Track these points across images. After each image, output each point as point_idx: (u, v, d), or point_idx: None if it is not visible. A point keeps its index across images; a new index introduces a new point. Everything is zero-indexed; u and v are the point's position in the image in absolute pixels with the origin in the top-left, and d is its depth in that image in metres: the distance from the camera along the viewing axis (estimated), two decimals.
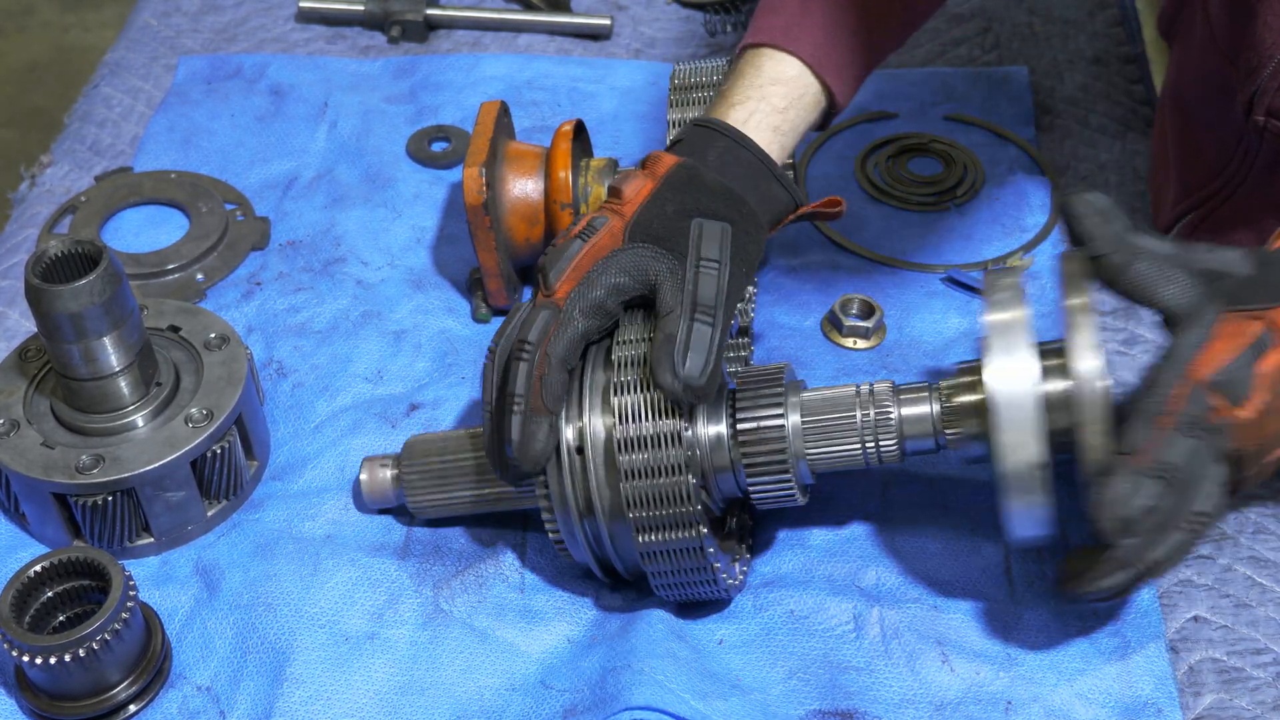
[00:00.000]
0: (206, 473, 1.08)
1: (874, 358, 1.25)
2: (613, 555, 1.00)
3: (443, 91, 1.54)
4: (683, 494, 0.94)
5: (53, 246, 1.03)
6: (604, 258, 0.99)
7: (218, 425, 1.07)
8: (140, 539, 1.08)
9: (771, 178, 1.06)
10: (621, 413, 0.94)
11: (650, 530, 0.95)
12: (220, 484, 1.09)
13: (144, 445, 1.05)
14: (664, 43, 1.66)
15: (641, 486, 0.94)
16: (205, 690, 1.00)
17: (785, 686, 1.00)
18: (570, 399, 0.97)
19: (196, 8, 1.70)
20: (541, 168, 1.25)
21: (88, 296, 0.99)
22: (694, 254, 0.98)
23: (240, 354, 1.12)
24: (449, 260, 1.35)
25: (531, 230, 1.25)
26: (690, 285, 0.97)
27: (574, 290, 0.97)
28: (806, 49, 1.12)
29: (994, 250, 1.37)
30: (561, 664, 1.02)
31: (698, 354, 0.94)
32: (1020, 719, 0.98)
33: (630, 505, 0.95)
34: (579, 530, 0.99)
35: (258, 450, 1.15)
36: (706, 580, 0.98)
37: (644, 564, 0.97)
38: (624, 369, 0.96)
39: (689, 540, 0.95)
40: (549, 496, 0.98)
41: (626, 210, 1.01)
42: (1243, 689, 1.01)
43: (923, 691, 1.00)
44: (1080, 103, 1.54)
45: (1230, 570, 1.08)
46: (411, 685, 1.00)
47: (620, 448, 0.94)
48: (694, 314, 0.95)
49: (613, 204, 1.03)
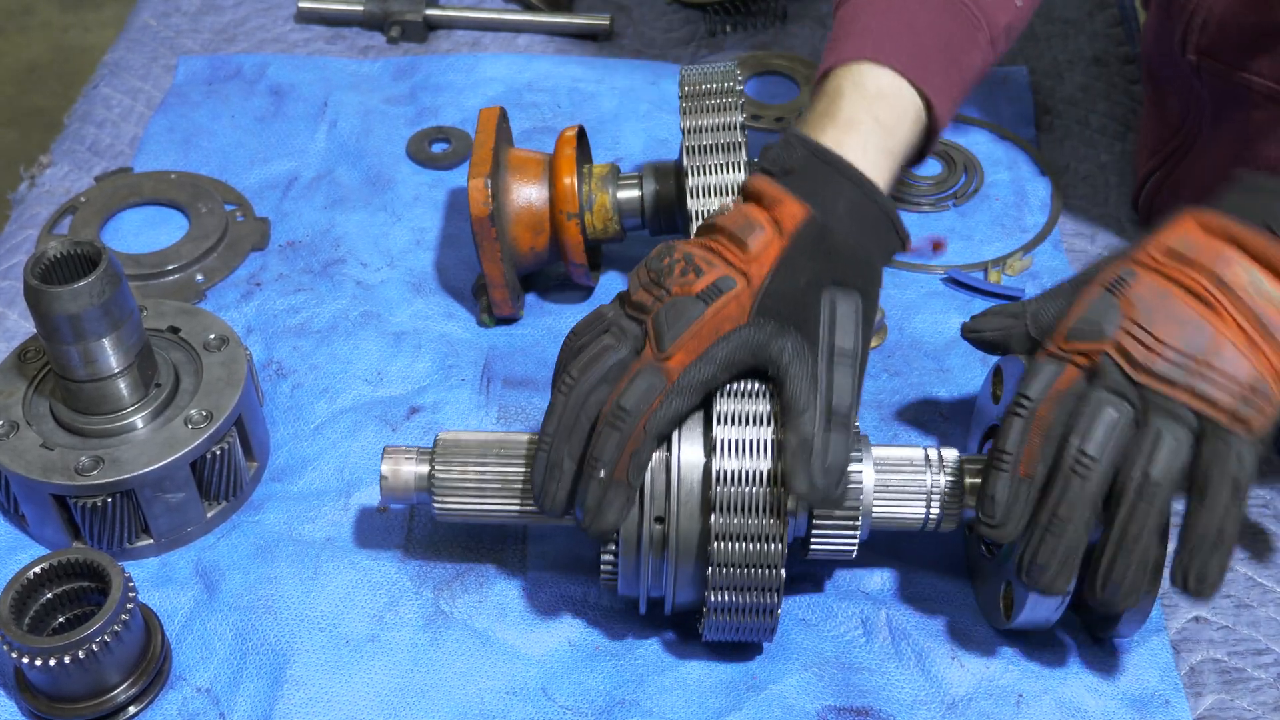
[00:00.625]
0: (206, 474, 1.08)
1: (875, 359, 1.25)
2: (669, 598, 0.98)
3: (442, 92, 1.54)
4: (770, 560, 0.93)
5: (52, 248, 1.02)
6: (728, 333, 0.91)
7: (217, 427, 1.06)
8: (140, 540, 1.08)
9: (893, 229, 1.00)
10: (723, 503, 0.92)
11: (727, 589, 0.94)
12: (220, 485, 1.09)
13: (143, 447, 1.05)
14: (664, 43, 1.66)
15: (732, 551, 0.92)
16: (205, 692, 1.00)
17: (800, 679, 1.01)
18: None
19: (196, 8, 1.70)
20: (545, 175, 1.24)
21: (87, 298, 0.99)
22: (827, 338, 0.92)
23: (240, 355, 1.12)
24: (449, 262, 1.35)
25: (536, 239, 1.24)
26: (825, 383, 0.91)
27: (691, 365, 0.91)
28: (902, 60, 1.04)
29: (994, 250, 1.36)
30: (563, 670, 1.02)
31: (835, 465, 0.89)
32: (1032, 711, 0.99)
33: (716, 565, 0.93)
34: (643, 572, 0.96)
35: (257, 451, 1.14)
36: (764, 629, 0.98)
37: (710, 599, 0.95)
38: (727, 454, 0.92)
39: (763, 603, 0.95)
40: (616, 546, 0.96)
41: (753, 273, 0.93)
42: (1244, 689, 1.01)
43: (934, 690, 1.00)
44: (1080, 103, 1.54)
45: (1230, 571, 1.08)
46: (411, 688, 1.00)
47: (716, 535, 0.92)
48: (829, 419, 0.90)
49: (733, 255, 0.94)
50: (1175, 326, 0.90)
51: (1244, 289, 0.91)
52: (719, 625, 0.97)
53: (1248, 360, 0.90)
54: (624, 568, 0.96)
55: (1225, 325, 0.91)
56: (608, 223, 1.25)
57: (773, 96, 1.57)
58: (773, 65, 1.60)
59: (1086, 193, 1.43)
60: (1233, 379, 0.89)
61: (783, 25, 1.68)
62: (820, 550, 0.99)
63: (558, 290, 1.32)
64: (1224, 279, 0.91)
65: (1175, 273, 0.93)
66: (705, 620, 0.97)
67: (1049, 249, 1.36)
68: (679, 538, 0.94)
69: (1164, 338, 0.90)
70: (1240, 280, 0.91)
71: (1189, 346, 0.90)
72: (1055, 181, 1.44)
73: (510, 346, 1.27)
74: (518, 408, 1.21)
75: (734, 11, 1.68)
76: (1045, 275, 1.33)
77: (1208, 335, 0.90)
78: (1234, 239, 0.93)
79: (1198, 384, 0.89)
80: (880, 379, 1.23)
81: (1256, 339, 0.90)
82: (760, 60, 1.61)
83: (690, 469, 0.94)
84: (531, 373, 1.24)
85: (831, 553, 0.99)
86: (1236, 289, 0.91)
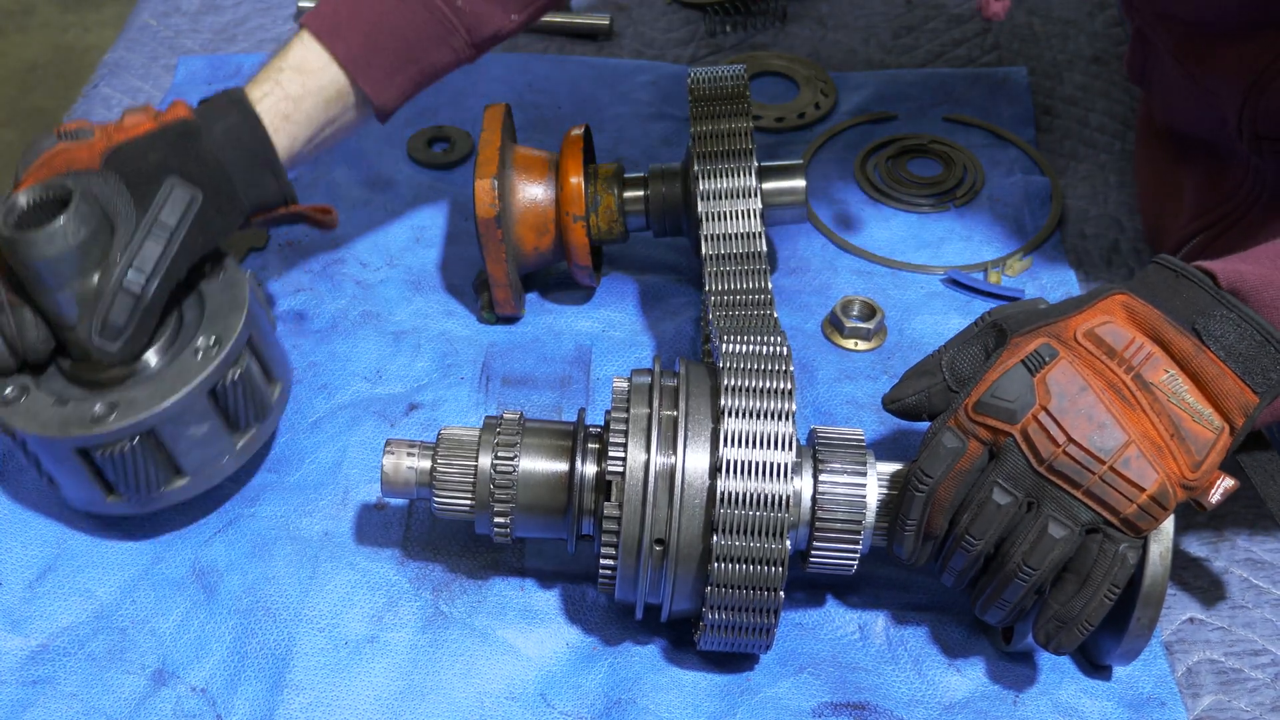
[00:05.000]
0: (228, 402, 1.05)
1: (875, 360, 1.25)
2: (666, 606, 0.97)
3: (442, 92, 1.54)
4: (770, 582, 0.92)
5: (22, 197, 1.00)
6: (74, 171, 1.02)
7: (228, 350, 1.03)
8: (174, 482, 1.05)
9: (266, 167, 1.09)
10: (726, 525, 0.91)
11: (724, 609, 0.94)
12: (243, 411, 1.06)
13: (157, 384, 1.02)
14: (664, 43, 1.66)
15: (735, 544, 0.92)
16: (200, 692, 1.00)
17: (795, 681, 1.01)
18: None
19: (196, 8, 1.70)
20: (550, 174, 1.24)
21: (63, 240, 0.97)
22: (154, 213, 1.02)
23: (240, 277, 1.09)
24: (449, 261, 1.35)
25: (540, 240, 1.24)
26: (136, 249, 1.00)
27: (29, 188, 1.01)
28: (341, 48, 1.13)
29: (994, 251, 1.37)
30: (562, 673, 1.02)
31: (113, 324, 1.00)
32: (1029, 711, 0.99)
33: (718, 560, 0.92)
34: (641, 580, 0.96)
35: (277, 370, 1.11)
36: (760, 645, 0.97)
37: (707, 616, 0.95)
38: (733, 475, 0.92)
39: (761, 623, 0.95)
40: (616, 541, 0.95)
41: (115, 138, 1.05)
42: (1241, 690, 1.01)
43: (931, 689, 1.01)
44: (1080, 102, 1.54)
45: (1227, 573, 1.08)
46: (411, 690, 1.00)
47: (717, 556, 0.92)
48: (123, 278, 0.99)
49: (103, 128, 1.06)
50: (1086, 424, 0.89)
51: (1164, 393, 0.89)
52: (715, 640, 0.97)
53: (1154, 468, 0.88)
54: (622, 573, 0.96)
55: (1139, 427, 0.89)
56: (612, 224, 1.25)
57: (772, 97, 1.57)
58: (773, 65, 1.61)
59: (1086, 192, 1.43)
60: (1136, 488, 0.88)
61: (782, 25, 1.68)
62: (820, 564, 0.98)
63: (558, 289, 1.32)
64: (1146, 380, 0.90)
65: (1098, 365, 0.91)
66: (701, 633, 0.97)
67: (1049, 249, 1.36)
68: (679, 552, 0.94)
69: (1073, 434, 0.88)
70: (1162, 384, 0.90)
71: (1097, 448, 0.88)
72: (1055, 181, 1.44)
73: (509, 344, 1.27)
74: (517, 405, 1.21)
75: (734, 11, 1.68)
76: (1045, 275, 1.33)
77: (1118, 440, 0.88)
78: (1161, 339, 0.91)
79: (1097, 489, 0.88)
80: (880, 380, 1.23)
81: (1167, 444, 0.89)
82: (760, 60, 1.61)
83: (694, 490, 0.93)
84: (530, 370, 1.24)
85: (831, 567, 0.98)
86: (1156, 392, 0.89)
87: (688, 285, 1.32)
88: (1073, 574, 0.91)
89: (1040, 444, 0.89)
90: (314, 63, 1.13)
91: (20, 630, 1.03)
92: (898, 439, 1.18)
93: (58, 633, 1.03)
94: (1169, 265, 0.95)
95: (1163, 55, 1.25)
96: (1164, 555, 0.92)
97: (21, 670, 1.01)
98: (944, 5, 1.70)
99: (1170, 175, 1.32)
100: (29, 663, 1.01)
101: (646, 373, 1.00)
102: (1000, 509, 0.90)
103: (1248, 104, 1.14)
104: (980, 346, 0.97)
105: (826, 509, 0.96)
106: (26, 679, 1.01)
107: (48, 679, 1.00)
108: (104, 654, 1.02)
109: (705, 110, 1.20)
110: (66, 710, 0.99)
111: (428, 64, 1.17)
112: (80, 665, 1.01)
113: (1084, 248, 1.37)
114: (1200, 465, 0.89)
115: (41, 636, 1.03)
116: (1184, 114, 1.28)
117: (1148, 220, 1.37)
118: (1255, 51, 1.12)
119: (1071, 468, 0.89)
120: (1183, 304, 0.92)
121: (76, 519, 1.11)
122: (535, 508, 0.99)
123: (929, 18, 1.69)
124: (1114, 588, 0.91)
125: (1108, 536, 0.90)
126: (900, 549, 0.96)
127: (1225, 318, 0.90)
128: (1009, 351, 0.93)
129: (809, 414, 1.20)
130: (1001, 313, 0.98)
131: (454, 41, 1.17)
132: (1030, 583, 0.91)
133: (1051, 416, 0.89)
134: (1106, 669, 1.02)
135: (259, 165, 1.08)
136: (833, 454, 0.98)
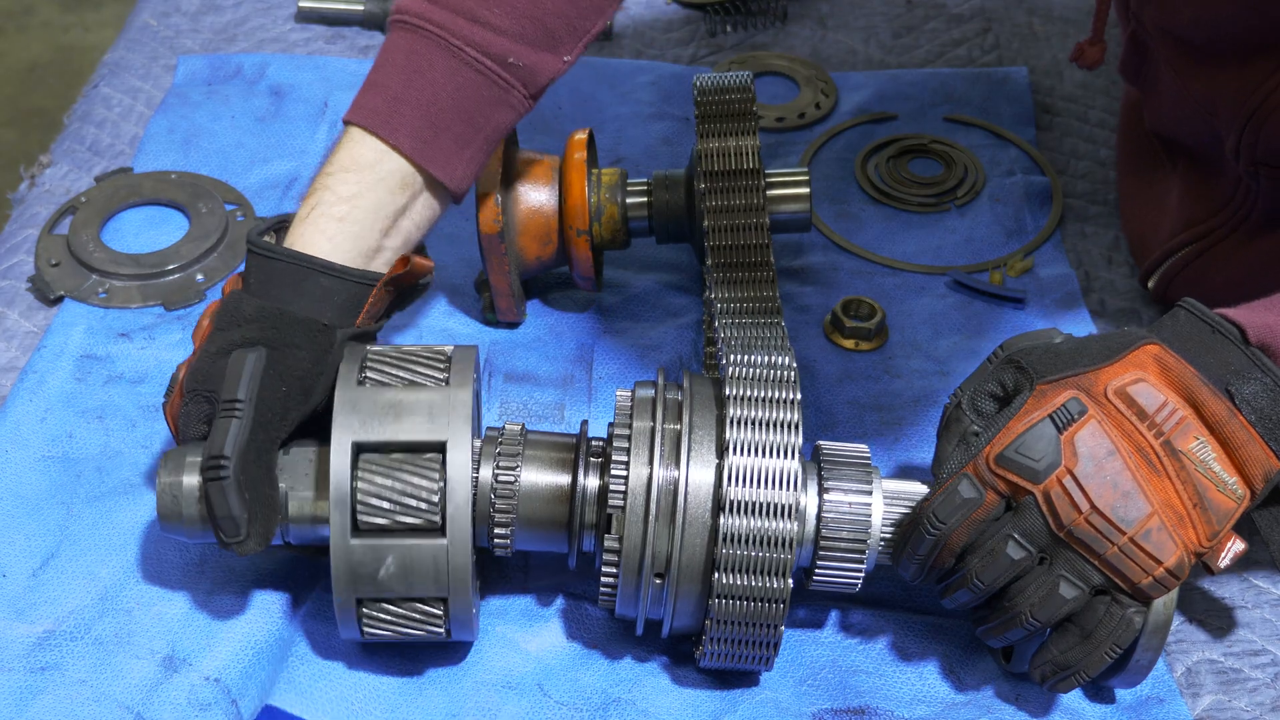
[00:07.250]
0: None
1: (876, 360, 1.25)
2: (667, 624, 0.97)
3: None
4: (771, 618, 0.92)
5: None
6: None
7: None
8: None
9: (314, 273, 1.00)
10: (728, 564, 0.91)
11: (724, 641, 0.94)
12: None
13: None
14: (664, 43, 1.66)
15: (739, 556, 0.91)
16: (214, 681, 0.99)
17: (796, 690, 1.01)
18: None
19: (196, 8, 1.70)
20: (553, 180, 1.23)
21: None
22: (221, 396, 0.95)
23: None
24: (449, 260, 1.35)
25: (544, 250, 1.23)
26: (212, 433, 0.94)
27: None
28: (403, 139, 1.05)
29: (995, 251, 1.37)
30: (560, 668, 1.02)
31: (219, 513, 0.92)
32: (1029, 711, 0.99)
33: (723, 572, 0.91)
34: (641, 600, 0.95)
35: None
36: (759, 667, 0.97)
37: (707, 646, 0.95)
38: (736, 512, 0.91)
39: (759, 655, 0.95)
40: (616, 562, 0.94)
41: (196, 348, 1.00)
42: (1241, 690, 1.01)
43: (931, 691, 1.01)
44: (1080, 101, 1.54)
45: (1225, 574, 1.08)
46: (411, 682, 1.01)
47: (717, 593, 0.91)
48: (204, 466, 0.93)
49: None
50: (1111, 493, 0.87)
51: (1192, 461, 0.88)
52: (714, 662, 0.97)
53: (1174, 540, 0.87)
54: (622, 593, 0.95)
55: (1162, 495, 0.88)
56: (615, 233, 1.25)
57: (773, 97, 1.57)
58: (773, 65, 1.61)
59: (1086, 191, 1.43)
60: (1154, 560, 0.87)
61: (782, 25, 1.68)
62: (824, 582, 0.98)
63: (559, 288, 1.32)
64: (1175, 448, 0.88)
65: (1128, 426, 0.89)
66: (701, 655, 0.96)
67: (1050, 249, 1.36)
68: (679, 580, 0.93)
69: (1097, 503, 0.87)
70: (1191, 451, 0.88)
71: (1120, 519, 0.87)
72: (1055, 181, 1.44)
73: (511, 342, 1.27)
74: (519, 403, 1.21)
75: (734, 11, 1.68)
76: (1046, 276, 1.33)
77: (1141, 512, 0.87)
78: (1194, 401, 0.90)
79: (1114, 559, 0.88)
80: (881, 380, 1.23)
81: (1189, 514, 0.88)
82: (760, 60, 1.61)
83: (695, 528, 0.92)
84: (532, 368, 1.24)
85: (836, 585, 0.98)
86: (1185, 460, 0.88)
87: (689, 285, 1.32)
88: (1077, 626, 0.91)
89: (1062, 509, 0.88)
90: (368, 157, 1.05)
91: (25, 617, 1.03)
92: (898, 437, 1.18)
93: (63, 617, 1.03)
94: (1200, 315, 0.93)
95: (1159, 64, 1.25)
96: (1168, 603, 0.92)
97: (28, 657, 1.00)
98: (944, 5, 1.70)
99: (1157, 181, 1.31)
100: (36, 649, 1.00)
101: (650, 385, 0.99)
102: (1013, 562, 0.89)
103: (1248, 130, 1.13)
104: (998, 383, 0.95)
105: (831, 528, 0.95)
106: (34, 666, 1.00)
107: (55, 665, 1.00)
108: (111, 638, 1.01)
109: (712, 129, 1.19)
110: (76, 697, 0.98)
111: (491, 130, 1.10)
112: (88, 650, 1.01)
113: (1084, 248, 1.37)
114: (1217, 534, 0.89)
115: (47, 622, 1.02)
116: (1177, 123, 1.27)
117: (1130, 226, 1.36)
118: (1257, 78, 1.11)
119: (1091, 536, 0.87)
120: (1216, 361, 0.91)
121: (78, 506, 1.10)
122: (536, 521, 0.98)
123: (929, 18, 1.69)
124: (1116, 647, 0.90)
125: (1116, 600, 0.89)
126: (905, 573, 0.96)
127: (1260, 381, 0.89)
128: (1034, 401, 0.91)
129: (810, 415, 1.20)
130: (1016, 345, 0.96)
131: (511, 99, 1.09)
132: (1034, 630, 0.91)
133: (1076, 481, 0.87)
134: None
135: (308, 285, 1.00)
136: (838, 472, 0.97)
